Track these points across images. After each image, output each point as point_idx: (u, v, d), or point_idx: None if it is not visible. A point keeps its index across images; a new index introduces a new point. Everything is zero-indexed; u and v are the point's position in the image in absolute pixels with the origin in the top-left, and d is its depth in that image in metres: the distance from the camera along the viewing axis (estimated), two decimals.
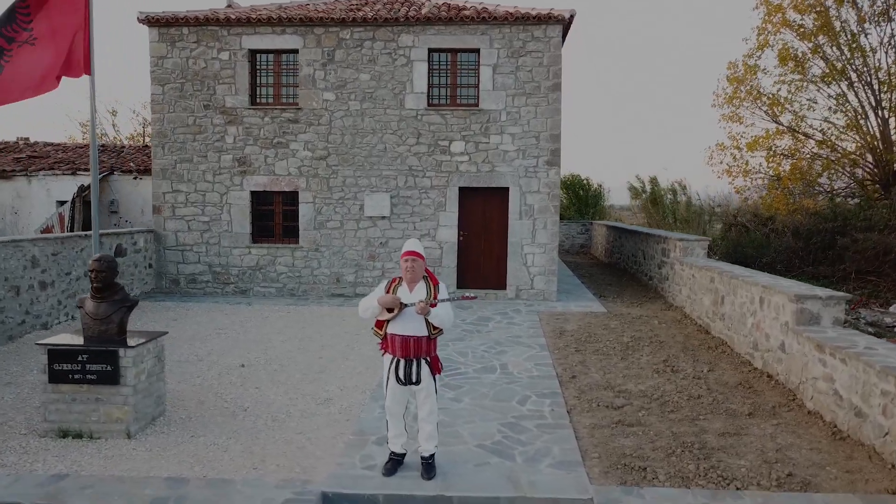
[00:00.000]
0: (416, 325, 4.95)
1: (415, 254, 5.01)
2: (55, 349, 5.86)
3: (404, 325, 4.95)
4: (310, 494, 4.82)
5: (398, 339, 4.97)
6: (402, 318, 4.95)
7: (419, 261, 5.01)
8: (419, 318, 4.93)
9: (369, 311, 5.02)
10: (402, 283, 5.07)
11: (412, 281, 5.03)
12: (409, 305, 4.90)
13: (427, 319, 4.94)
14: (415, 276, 5.02)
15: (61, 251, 10.50)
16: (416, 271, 5.01)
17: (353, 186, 13.47)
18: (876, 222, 15.30)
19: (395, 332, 4.98)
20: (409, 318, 4.94)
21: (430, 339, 5.02)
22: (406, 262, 5.00)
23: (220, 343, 9.57)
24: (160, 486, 4.93)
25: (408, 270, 5.00)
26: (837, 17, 20.23)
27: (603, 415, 6.62)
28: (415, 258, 4.99)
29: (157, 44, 13.52)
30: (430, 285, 5.04)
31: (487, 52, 13.04)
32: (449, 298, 4.99)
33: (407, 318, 4.95)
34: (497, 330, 10.54)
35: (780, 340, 7.71)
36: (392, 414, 5.20)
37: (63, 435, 5.90)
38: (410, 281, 5.03)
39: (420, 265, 5.02)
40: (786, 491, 4.97)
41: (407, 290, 5.02)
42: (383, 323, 5.03)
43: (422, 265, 5.04)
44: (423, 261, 5.06)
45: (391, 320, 4.98)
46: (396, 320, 4.97)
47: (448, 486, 4.99)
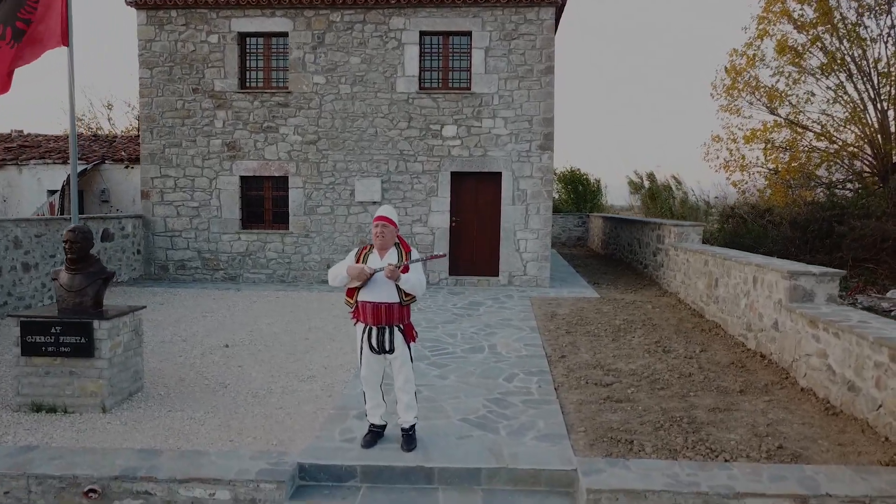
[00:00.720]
0: (387, 291, 4.80)
1: (385, 219, 4.85)
2: (28, 321, 5.71)
3: (375, 292, 4.80)
4: (285, 465, 4.67)
5: (369, 307, 4.82)
6: (373, 285, 4.80)
7: (389, 226, 4.85)
8: (390, 284, 4.77)
9: (338, 279, 4.87)
10: (373, 249, 4.92)
11: (383, 248, 4.87)
12: (378, 271, 4.74)
13: (398, 286, 4.78)
14: (385, 242, 4.86)
15: (45, 233, 10.34)
16: (387, 237, 4.85)
17: (344, 171, 13.31)
18: (873, 210, 15.16)
19: (366, 300, 4.82)
20: (380, 285, 4.79)
21: (402, 305, 4.86)
22: (376, 227, 4.84)
23: (206, 325, 9.42)
24: (132, 457, 4.78)
25: (378, 236, 4.84)
26: (837, 7, 20.08)
27: (591, 391, 6.48)
28: (385, 223, 4.83)
29: (145, 27, 13.34)
30: (401, 252, 4.88)
31: (479, 35, 12.88)
32: (418, 259, 4.84)
33: (378, 285, 4.79)
34: (488, 314, 10.40)
35: (774, 319, 7.57)
36: (368, 384, 5.05)
37: (36, 409, 5.75)
38: (381, 248, 4.87)
39: (391, 231, 4.86)
40: (776, 463, 4.84)
41: (378, 257, 4.87)
42: (354, 291, 4.88)
43: (392, 231, 4.88)
44: (394, 227, 4.89)
45: (362, 288, 4.82)
46: (367, 287, 4.81)
47: (428, 458, 4.84)
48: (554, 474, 4.70)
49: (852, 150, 21.28)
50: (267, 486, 4.48)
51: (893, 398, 5.12)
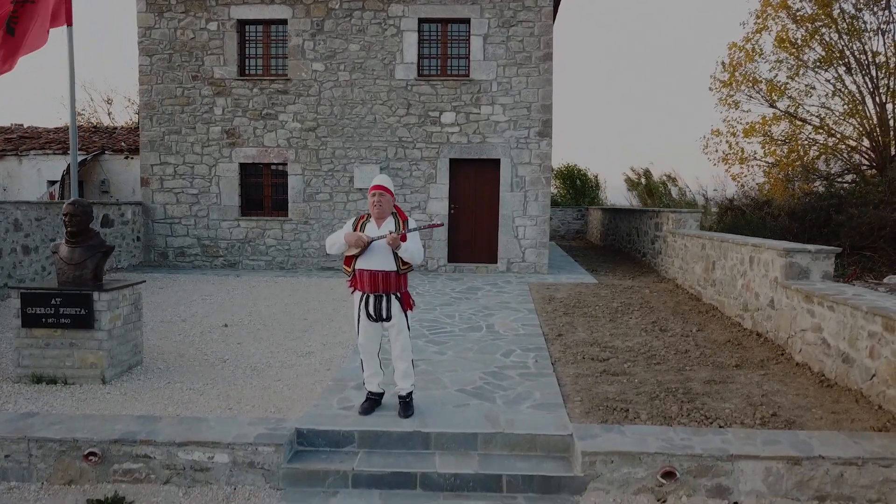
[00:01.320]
0: (384, 259, 4.84)
1: (382, 188, 4.90)
2: (28, 292, 5.75)
3: (372, 260, 4.85)
4: (283, 430, 4.72)
5: (367, 275, 4.86)
6: (370, 253, 4.85)
7: (386, 195, 4.90)
8: (387, 252, 4.83)
9: (335, 246, 4.92)
10: (371, 219, 4.96)
11: (380, 217, 4.92)
12: (376, 240, 4.79)
13: (395, 254, 4.83)
14: (382, 211, 4.90)
15: (45, 217, 10.37)
16: (384, 206, 4.89)
17: (343, 158, 13.34)
18: (871, 198, 15.20)
19: (363, 268, 4.87)
20: (378, 253, 4.84)
21: (398, 274, 4.91)
22: (373, 196, 4.89)
23: (205, 307, 9.46)
24: (131, 423, 4.83)
25: (375, 205, 4.89)
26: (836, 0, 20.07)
27: (588, 366, 6.52)
28: (382, 192, 4.88)
29: (145, 14, 13.37)
30: (398, 221, 4.93)
31: (478, 22, 12.90)
32: (416, 228, 4.89)
33: (375, 253, 4.84)
34: (486, 297, 10.44)
35: (770, 297, 7.61)
36: (365, 352, 5.10)
37: (36, 380, 5.80)
38: (378, 217, 4.92)
39: (388, 200, 4.91)
40: (770, 429, 4.88)
41: (375, 226, 4.92)
42: (352, 259, 4.92)
43: (389, 200, 4.92)
44: (391, 196, 4.94)
45: (359, 256, 4.87)
46: (364, 255, 4.86)
47: (425, 424, 4.89)
48: (550, 439, 4.75)
49: (851, 144, 21.31)
50: (265, 450, 4.53)
51: (887, 366, 5.17)
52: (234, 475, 4.53)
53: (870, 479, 4.32)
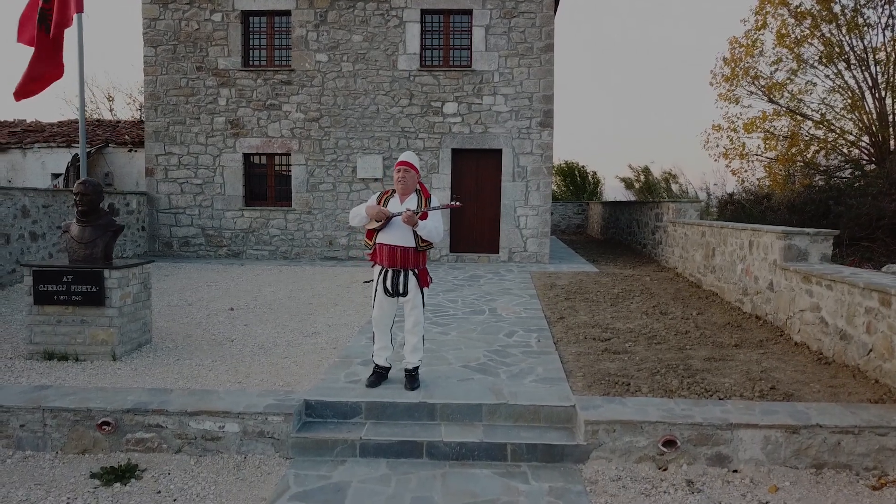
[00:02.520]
0: (404, 235, 4.94)
1: (407, 164, 4.99)
2: (40, 270, 5.85)
3: (392, 235, 4.95)
4: (292, 401, 4.82)
5: (386, 249, 4.97)
6: (391, 228, 4.95)
7: (411, 171, 4.99)
8: (407, 229, 4.92)
9: (357, 218, 5.03)
10: (395, 195, 5.06)
11: (404, 193, 5.02)
12: (397, 215, 4.89)
13: (415, 231, 4.93)
14: (406, 187, 5.00)
15: (52, 204, 10.47)
16: (408, 182, 4.99)
17: (346, 148, 13.44)
18: (869, 190, 15.29)
19: (383, 242, 4.98)
20: (397, 229, 4.94)
21: (417, 251, 5.01)
22: (398, 172, 4.99)
23: (210, 292, 9.57)
24: (143, 394, 4.93)
25: (399, 181, 4.99)
26: None
27: (589, 345, 6.62)
28: (407, 168, 4.98)
29: (150, 5, 13.46)
30: (421, 198, 5.03)
31: (480, 13, 12.99)
32: (435, 207, 4.98)
33: (395, 229, 4.94)
34: (488, 284, 10.54)
35: (769, 280, 7.71)
36: (378, 325, 5.19)
37: (48, 357, 5.90)
38: (402, 193, 5.02)
39: (412, 176, 5.00)
40: (768, 401, 4.98)
41: (398, 202, 5.02)
42: (373, 233, 5.03)
43: (414, 176, 5.02)
44: (416, 172, 5.04)
45: (380, 230, 4.97)
46: (385, 230, 4.96)
47: (431, 396, 5.00)
48: (553, 410, 4.85)
49: (850, 139, 21.38)
50: (275, 419, 4.63)
51: (883, 341, 5.27)
52: (244, 444, 4.63)
53: (866, 447, 4.42)
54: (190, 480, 4.27)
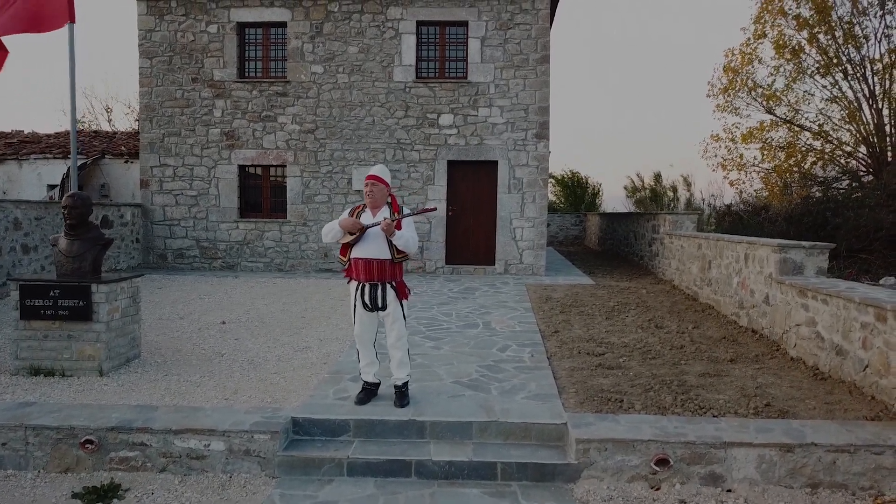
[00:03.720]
0: (379, 248, 4.89)
1: (376, 178, 4.95)
2: (27, 284, 5.79)
3: (367, 248, 4.89)
4: (279, 419, 4.75)
5: (361, 263, 4.90)
6: (366, 242, 4.89)
7: (379, 185, 4.95)
8: (382, 241, 4.87)
9: (331, 233, 4.97)
10: (366, 209, 5.01)
11: (374, 206, 4.97)
12: (371, 227, 4.84)
13: (390, 242, 4.87)
14: (376, 200, 4.95)
15: (45, 216, 10.42)
16: (377, 195, 4.94)
17: (341, 160, 13.41)
18: (867, 201, 15.26)
19: (358, 256, 4.91)
20: (372, 242, 4.88)
21: (393, 262, 4.95)
22: (366, 185, 4.95)
23: (203, 305, 9.50)
24: (127, 411, 4.86)
25: (368, 195, 4.94)
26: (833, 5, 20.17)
27: (583, 360, 6.55)
28: (375, 182, 4.93)
29: (146, 17, 13.46)
30: (392, 212, 4.98)
31: (476, 25, 13.00)
32: (409, 213, 4.94)
33: (369, 242, 4.89)
34: (483, 297, 10.47)
35: (765, 293, 7.65)
36: (361, 341, 5.13)
37: (34, 373, 5.82)
38: (373, 206, 4.97)
39: (381, 189, 4.95)
40: (763, 418, 4.91)
41: (370, 215, 4.97)
42: (347, 249, 4.97)
43: (382, 189, 4.97)
44: (384, 185, 4.98)
45: (355, 244, 4.91)
46: (360, 244, 4.90)
47: (421, 413, 4.92)
48: (544, 428, 4.78)
49: (848, 150, 21.39)
50: (261, 437, 4.55)
51: (879, 357, 5.20)
52: (229, 463, 4.56)
53: (862, 466, 4.35)
54: (174, 500, 4.19)
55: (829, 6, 19.96)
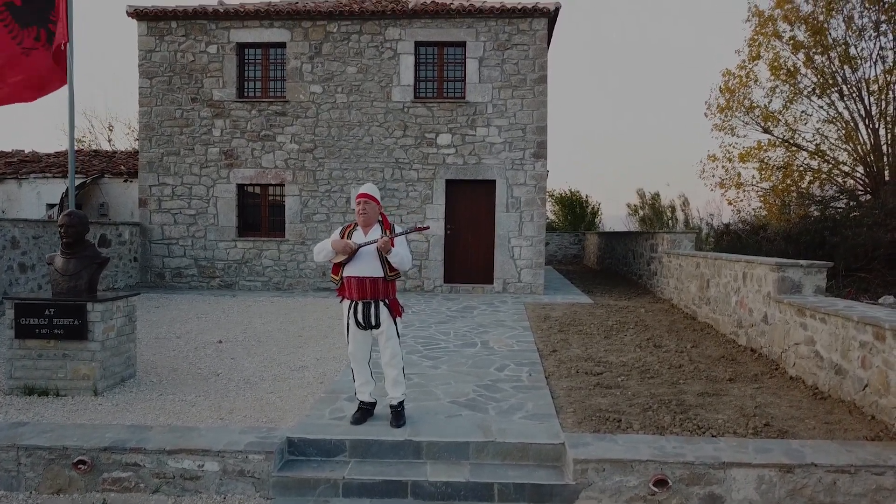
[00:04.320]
0: (372, 266, 4.87)
1: (367, 196, 4.94)
2: (22, 303, 5.76)
3: (360, 266, 4.87)
4: (274, 439, 4.70)
5: (354, 282, 4.88)
6: (358, 260, 4.88)
7: (371, 203, 4.94)
8: (375, 259, 4.86)
9: (322, 253, 4.96)
10: (357, 228, 5.01)
11: (366, 225, 4.96)
12: (363, 246, 4.83)
13: (383, 260, 4.86)
14: (368, 219, 4.95)
15: (43, 235, 10.41)
16: (369, 213, 4.94)
17: (340, 179, 13.44)
18: (864, 220, 15.29)
19: (351, 275, 4.89)
20: (365, 260, 4.87)
21: (386, 280, 4.93)
22: (358, 204, 4.94)
23: (200, 324, 9.46)
24: (121, 431, 4.81)
25: (361, 213, 4.93)
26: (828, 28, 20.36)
27: (581, 379, 6.51)
28: (367, 200, 4.93)
29: (146, 37, 13.56)
30: (384, 230, 4.98)
31: (474, 45, 13.10)
32: (403, 232, 4.93)
33: (363, 260, 4.87)
34: (481, 316, 10.44)
35: (763, 312, 7.63)
36: (356, 360, 5.09)
37: (28, 392, 5.77)
38: (364, 225, 4.96)
39: (373, 207, 4.95)
40: (762, 438, 4.87)
41: (362, 234, 4.96)
42: (339, 268, 4.95)
43: (374, 208, 4.97)
44: (376, 203, 4.98)
45: (347, 263, 4.89)
46: (352, 262, 4.88)
47: (417, 433, 4.87)
48: (542, 448, 4.73)
49: (845, 169, 21.47)
50: (255, 458, 4.50)
51: (878, 376, 5.17)
52: (224, 484, 4.50)
53: (863, 486, 4.30)
54: None
55: (824, 28, 20.16)
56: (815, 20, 20.17)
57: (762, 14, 21.49)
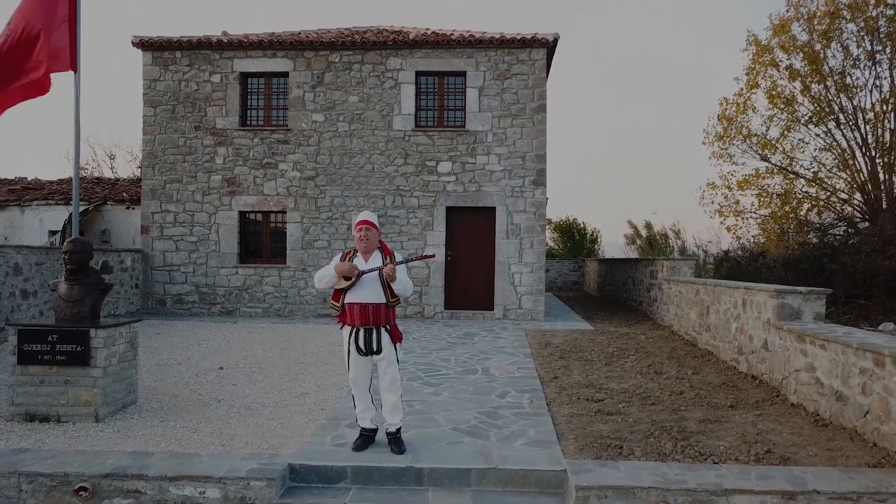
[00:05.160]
0: (374, 292, 4.92)
1: (368, 223, 5.01)
2: (25, 329, 5.79)
3: (362, 292, 4.91)
4: (276, 466, 4.70)
5: (357, 308, 4.92)
6: (360, 287, 4.92)
7: (372, 230, 5.01)
8: (377, 285, 4.91)
9: (325, 279, 4.99)
10: (357, 254, 5.06)
11: (367, 251, 5.02)
12: (369, 271, 4.88)
13: (385, 286, 4.90)
14: (369, 245, 5.01)
15: (45, 262, 10.46)
16: (370, 240, 5.00)
17: (342, 206, 13.54)
18: (863, 247, 15.36)
19: (353, 301, 4.93)
20: (367, 286, 4.91)
21: (388, 306, 4.97)
22: (360, 231, 5.00)
23: (201, 351, 9.46)
24: (123, 458, 4.81)
25: (361, 240, 4.99)
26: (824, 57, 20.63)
27: (582, 406, 6.51)
28: (368, 227, 4.99)
29: (151, 67, 13.77)
30: (384, 255, 5.03)
31: (474, 75, 13.30)
32: (406, 260, 4.98)
33: (365, 286, 4.92)
34: (482, 342, 10.45)
35: (763, 339, 7.65)
36: (357, 387, 5.11)
37: (30, 419, 5.77)
38: (365, 251, 5.02)
39: (373, 234, 5.02)
40: (764, 465, 4.86)
41: (362, 260, 5.01)
42: (340, 294, 4.98)
43: (375, 234, 5.03)
44: (376, 230, 5.05)
45: (348, 290, 4.93)
46: (354, 289, 4.93)
47: (418, 460, 4.87)
48: (543, 475, 4.73)
49: (843, 197, 21.60)
50: (257, 484, 4.50)
51: (879, 403, 5.18)
52: None
53: None
54: None
55: (821, 58, 20.45)
56: (812, 49, 20.47)
57: (760, 43, 21.81)
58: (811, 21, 20.10)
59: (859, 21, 19.11)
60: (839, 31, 19.81)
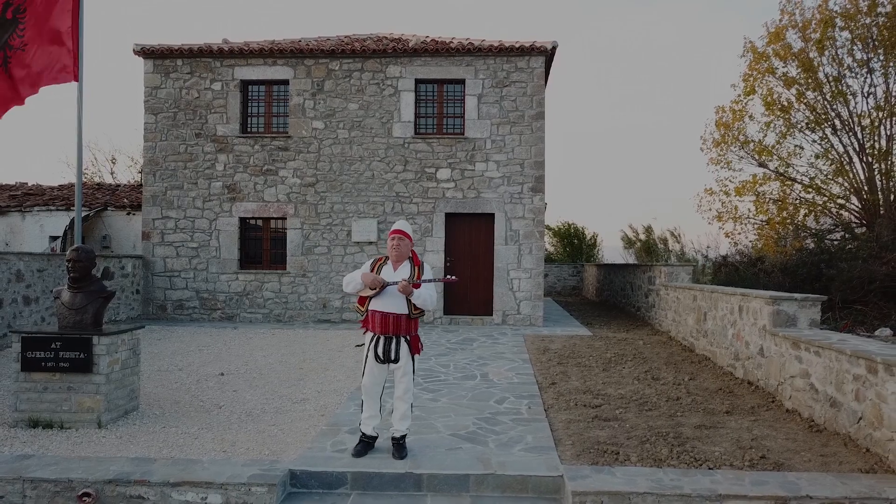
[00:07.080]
0: (397, 303, 5.00)
1: (401, 233, 5.10)
2: (29, 336, 5.86)
3: (386, 302, 5.00)
4: (277, 471, 4.76)
5: (378, 316, 5.00)
6: (385, 296, 5.00)
7: (405, 240, 5.10)
8: (401, 296, 4.99)
9: (351, 285, 5.09)
10: (388, 262, 5.14)
11: (397, 260, 5.10)
12: (391, 284, 4.96)
13: (408, 299, 4.99)
14: (400, 254, 5.09)
15: (47, 268, 10.53)
16: (402, 250, 5.09)
17: (341, 212, 13.62)
18: (860, 253, 15.43)
19: (376, 309, 5.02)
20: (391, 296, 5.00)
21: (410, 318, 5.05)
22: (392, 240, 5.09)
23: (202, 357, 9.53)
24: (126, 464, 4.87)
25: (393, 248, 5.08)
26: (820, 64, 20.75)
27: (580, 412, 6.58)
28: (401, 237, 5.08)
29: (152, 74, 13.87)
30: (413, 266, 5.11)
31: (473, 83, 13.40)
32: (431, 280, 5.06)
33: (389, 296, 5.00)
34: (481, 348, 10.52)
35: (759, 345, 7.72)
36: (368, 393, 5.18)
37: (33, 425, 5.83)
38: (395, 260, 5.10)
39: (406, 244, 5.10)
40: (758, 470, 4.93)
41: (391, 269, 5.09)
42: (365, 300, 5.07)
43: (408, 244, 5.12)
44: (409, 240, 5.14)
45: (373, 297, 5.02)
46: (379, 297, 5.02)
47: (418, 465, 4.94)
48: (541, 480, 4.79)
49: (840, 202, 21.69)
50: (258, 490, 4.56)
51: (872, 409, 5.26)
52: None
53: None
54: None
55: (816, 65, 20.57)
56: (807, 57, 20.59)
57: (756, 50, 21.94)
58: (805, 29, 20.23)
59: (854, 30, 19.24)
60: (832, 38, 19.93)
